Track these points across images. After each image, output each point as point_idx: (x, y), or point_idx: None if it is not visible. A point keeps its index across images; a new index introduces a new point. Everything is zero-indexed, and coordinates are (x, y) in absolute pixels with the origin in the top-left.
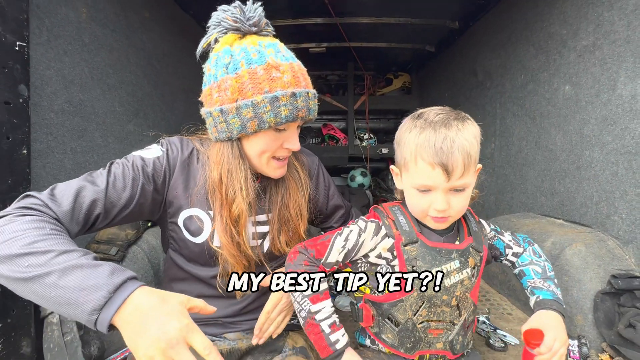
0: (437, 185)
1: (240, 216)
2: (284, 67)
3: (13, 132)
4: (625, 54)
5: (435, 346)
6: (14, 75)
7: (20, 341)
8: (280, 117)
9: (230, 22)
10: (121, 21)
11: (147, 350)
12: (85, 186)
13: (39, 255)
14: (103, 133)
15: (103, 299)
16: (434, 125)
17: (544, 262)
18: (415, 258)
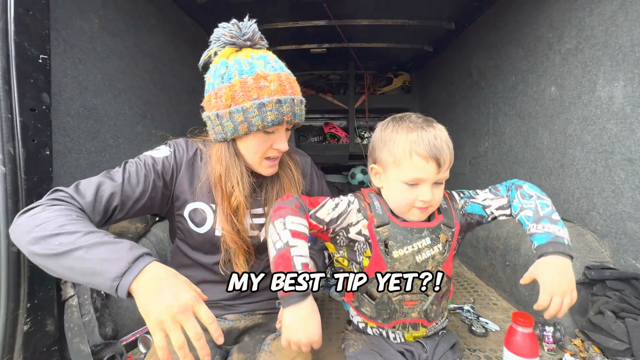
0: (428, 178)
1: (238, 207)
2: (271, 77)
3: (37, 135)
4: (604, 57)
5: (410, 315)
6: (38, 85)
7: (46, 320)
8: (266, 121)
9: (227, 37)
10: (130, 29)
11: (159, 314)
12: (104, 182)
13: (68, 235)
14: (114, 134)
15: (124, 268)
16: (422, 125)
17: (535, 201)
18: (387, 238)
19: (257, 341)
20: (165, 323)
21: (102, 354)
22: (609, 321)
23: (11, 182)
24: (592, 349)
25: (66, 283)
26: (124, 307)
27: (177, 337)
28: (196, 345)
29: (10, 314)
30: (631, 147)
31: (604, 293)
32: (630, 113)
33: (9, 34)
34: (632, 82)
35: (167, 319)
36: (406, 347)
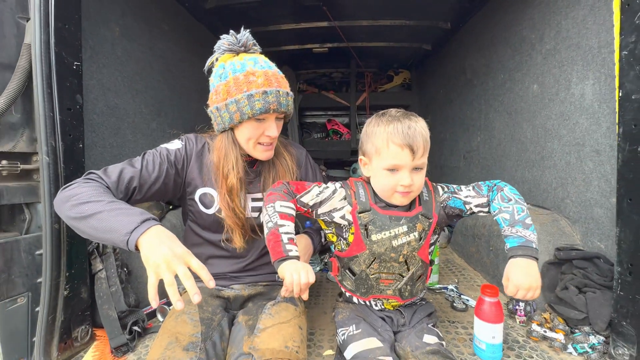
0: (404, 164)
1: (232, 189)
2: (258, 73)
3: (73, 131)
4: (577, 58)
5: (386, 292)
6: (73, 88)
7: (80, 288)
8: (255, 109)
9: (226, 45)
10: (145, 35)
11: (156, 259)
12: (126, 167)
13: (95, 203)
14: (133, 131)
15: (133, 226)
16: (398, 118)
17: (513, 205)
18: (367, 223)
19: (259, 306)
20: (160, 267)
21: (127, 319)
22: (571, 295)
23: (53, 170)
24: (557, 319)
25: (96, 259)
26: (143, 282)
27: (167, 277)
28: (185, 284)
29: (53, 280)
30: (598, 139)
31: (571, 271)
32: (597, 109)
33: (51, 45)
34: (599, 81)
35: (161, 263)
36: (386, 313)
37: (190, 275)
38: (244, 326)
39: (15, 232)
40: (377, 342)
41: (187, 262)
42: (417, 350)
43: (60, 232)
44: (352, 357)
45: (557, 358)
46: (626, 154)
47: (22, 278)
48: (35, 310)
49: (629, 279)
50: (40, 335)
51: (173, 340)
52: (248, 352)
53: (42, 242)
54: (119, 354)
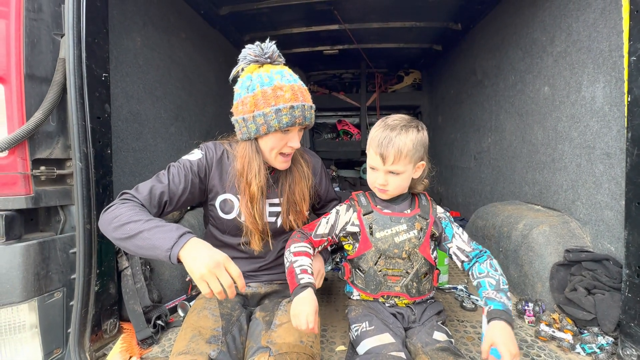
0: (378, 167)
1: (254, 196)
2: (286, 87)
3: (102, 138)
4: (587, 60)
5: (394, 289)
6: (102, 98)
7: (109, 284)
8: (282, 123)
9: (252, 56)
10: (164, 44)
11: (200, 268)
12: (155, 184)
13: (134, 223)
14: (153, 135)
15: (172, 242)
16: (384, 127)
17: (500, 276)
18: (371, 223)
19: (275, 303)
20: (205, 276)
21: (151, 314)
22: (580, 296)
23: (85, 174)
24: (566, 320)
25: (122, 257)
26: (165, 280)
27: (214, 285)
28: (227, 291)
29: (85, 277)
30: (609, 142)
31: (580, 273)
32: (608, 112)
33: (82, 59)
34: (610, 84)
35: (206, 272)
36: (397, 310)
37: (232, 282)
38: (261, 322)
39: (51, 232)
40: (390, 337)
41: (226, 268)
42: (428, 347)
43: (92, 232)
44: (366, 352)
45: (565, 358)
46: (634, 159)
47: (58, 274)
48: (70, 305)
49: (637, 281)
50: (74, 327)
51: (196, 334)
52: (266, 346)
53: (76, 241)
54: (145, 346)
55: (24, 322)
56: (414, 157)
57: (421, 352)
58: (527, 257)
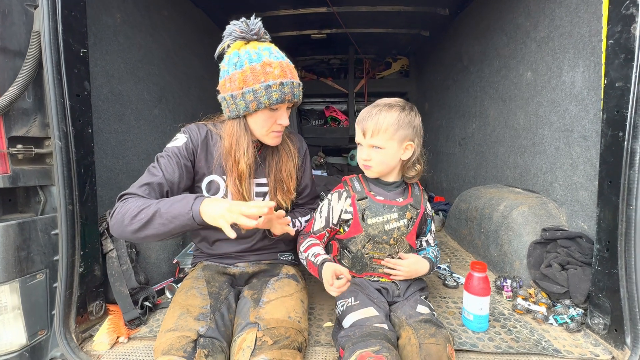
0: (361, 141)
1: (242, 174)
2: (274, 64)
3: (82, 117)
4: (568, 46)
5: (378, 271)
6: (81, 75)
7: (94, 266)
8: (272, 100)
9: (238, 32)
10: (146, 21)
11: (219, 211)
12: (150, 179)
13: (146, 208)
14: (136, 117)
15: (190, 205)
16: (371, 106)
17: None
18: (365, 209)
19: (263, 282)
20: (224, 216)
21: (138, 295)
22: (554, 271)
23: (65, 154)
24: (541, 294)
25: (107, 239)
26: (151, 262)
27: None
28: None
29: (69, 258)
30: (586, 125)
31: (555, 250)
32: (586, 96)
33: (59, 32)
34: (589, 69)
35: (224, 213)
36: (383, 285)
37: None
38: (249, 299)
39: (31, 213)
40: (374, 311)
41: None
42: (411, 319)
43: (74, 213)
44: (351, 325)
45: (539, 328)
46: (608, 139)
47: (40, 256)
48: (54, 286)
49: (607, 255)
50: (59, 309)
51: (184, 312)
52: (254, 322)
53: (58, 222)
54: (132, 327)
55: (5, 303)
56: (396, 134)
57: (405, 324)
58: (507, 236)
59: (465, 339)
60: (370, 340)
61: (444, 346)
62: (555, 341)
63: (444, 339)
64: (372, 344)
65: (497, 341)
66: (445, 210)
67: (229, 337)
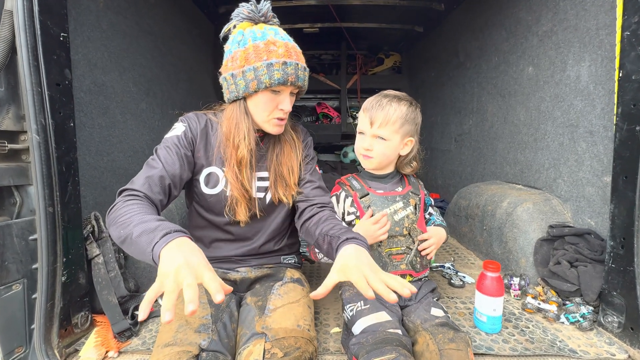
0: (366, 131)
1: (242, 159)
2: (279, 43)
3: (63, 109)
4: (574, 39)
5: (400, 267)
6: (61, 62)
7: (78, 274)
8: (273, 79)
9: (245, 13)
10: (131, 7)
11: (166, 268)
12: (150, 172)
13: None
14: (122, 110)
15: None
16: (379, 95)
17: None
18: (369, 205)
19: (267, 287)
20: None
21: (128, 304)
22: (564, 269)
23: (44, 149)
24: (550, 292)
25: (92, 244)
26: (141, 268)
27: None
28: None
29: (50, 266)
30: (592, 120)
31: (563, 247)
32: (593, 90)
33: (35, 13)
34: (596, 63)
35: (171, 272)
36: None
37: (195, 287)
38: (253, 307)
39: (5, 217)
40: (387, 315)
41: (199, 274)
42: (427, 323)
43: (55, 215)
44: (362, 331)
45: (552, 328)
46: (624, 133)
47: (17, 264)
48: (32, 297)
49: (621, 252)
50: (39, 323)
51: (183, 323)
52: (261, 332)
53: (36, 226)
54: (123, 339)
55: None
56: (401, 128)
57: (421, 329)
58: (512, 233)
59: (479, 342)
60: (385, 347)
61: (465, 352)
62: (570, 341)
63: (464, 343)
64: (388, 351)
65: (512, 343)
66: (441, 207)
67: (233, 348)
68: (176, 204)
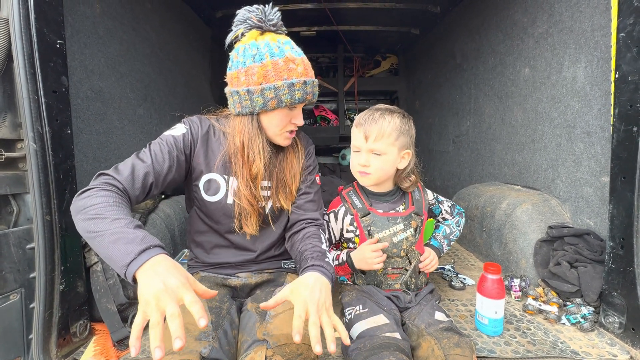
0: (361, 147)
1: (257, 174)
2: (297, 60)
3: (60, 116)
4: (569, 41)
5: (394, 286)
6: (57, 69)
7: (77, 282)
8: (294, 99)
9: (254, 20)
10: (128, 14)
11: (146, 295)
12: (137, 164)
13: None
14: (119, 116)
15: (130, 258)
16: (371, 110)
17: (456, 229)
18: (369, 225)
19: (268, 293)
20: (149, 305)
21: (127, 312)
22: (564, 270)
23: (41, 157)
24: (551, 293)
25: (90, 251)
26: None
27: (154, 317)
28: (170, 325)
29: (48, 275)
30: (589, 121)
31: (562, 247)
32: (589, 91)
33: (31, 20)
34: (592, 64)
35: (151, 300)
36: (393, 293)
37: (178, 315)
38: (254, 313)
39: (2, 226)
40: (384, 318)
41: (180, 297)
42: (431, 327)
43: (53, 224)
44: (359, 335)
45: (553, 329)
46: (621, 134)
47: (14, 274)
48: (30, 307)
49: (621, 252)
50: (37, 332)
51: None
52: (262, 339)
53: (34, 235)
54: (122, 348)
55: None
56: (397, 141)
57: (425, 333)
58: (511, 235)
59: (481, 345)
60: (382, 352)
61: (470, 357)
62: (571, 342)
63: (469, 349)
64: (385, 356)
65: (514, 345)
66: None
67: (234, 356)
68: (175, 209)
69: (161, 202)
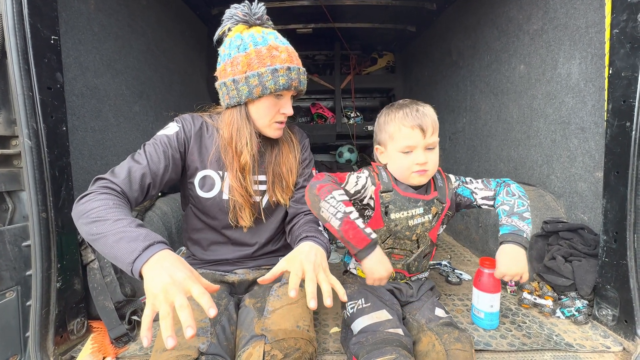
0: (417, 144)
1: (245, 165)
2: (281, 48)
3: (55, 112)
4: (564, 38)
5: (396, 266)
6: (52, 65)
7: (73, 279)
8: (278, 85)
9: (240, 16)
10: (123, 10)
11: (154, 289)
12: (133, 165)
13: (102, 222)
14: (115, 114)
15: (135, 255)
16: (407, 104)
17: (515, 199)
18: (389, 202)
19: (265, 289)
20: (157, 297)
21: (124, 309)
22: (559, 264)
23: (37, 155)
24: (546, 287)
25: (87, 249)
26: None
27: (163, 309)
28: (180, 315)
29: (44, 272)
30: (583, 117)
31: (557, 242)
32: (583, 87)
33: (24, 15)
34: (586, 60)
35: (159, 293)
36: (395, 285)
37: (187, 306)
38: (252, 309)
39: None
40: (387, 314)
41: (187, 289)
42: (432, 323)
43: (49, 221)
44: (361, 330)
45: (548, 322)
46: (614, 130)
47: (10, 271)
48: (27, 305)
49: (614, 246)
50: (34, 330)
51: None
52: (260, 334)
53: (30, 232)
54: (120, 345)
55: None
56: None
57: (426, 329)
58: None
59: (477, 338)
60: (385, 347)
61: (470, 352)
62: (566, 335)
63: (469, 343)
64: (388, 352)
65: (509, 338)
66: None
67: (232, 351)
68: (172, 207)
69: (158, 200)
